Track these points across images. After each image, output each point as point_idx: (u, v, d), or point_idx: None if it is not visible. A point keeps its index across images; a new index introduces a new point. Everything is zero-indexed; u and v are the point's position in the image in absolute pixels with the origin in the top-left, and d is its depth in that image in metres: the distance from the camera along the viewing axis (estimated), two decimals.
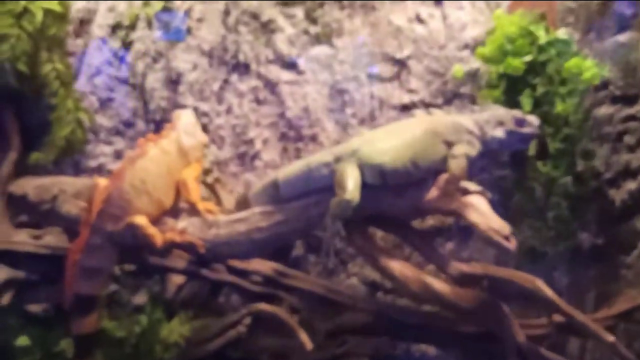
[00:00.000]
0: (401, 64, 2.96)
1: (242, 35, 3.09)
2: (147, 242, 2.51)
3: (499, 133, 2.38)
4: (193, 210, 2.61)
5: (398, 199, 2.41)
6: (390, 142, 2.37)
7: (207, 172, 3.12)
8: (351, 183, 2.29)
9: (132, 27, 3.20)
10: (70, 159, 3.12)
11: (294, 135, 3.06)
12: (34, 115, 3.01)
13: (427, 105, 2.94)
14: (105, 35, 3.16)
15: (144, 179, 2.52)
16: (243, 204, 2.62)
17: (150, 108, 3.13)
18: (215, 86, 3.09)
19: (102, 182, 2.63)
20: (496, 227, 2.18)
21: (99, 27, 3.14)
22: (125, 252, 2.63)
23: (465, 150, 2.33)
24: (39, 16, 2.85)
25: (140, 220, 2.49)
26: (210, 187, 3.08)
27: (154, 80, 3.12)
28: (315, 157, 2.46)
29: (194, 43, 3.11)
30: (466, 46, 2.87)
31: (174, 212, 2.64)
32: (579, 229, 2.65)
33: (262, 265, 2.79)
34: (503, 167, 2.66)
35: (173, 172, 2.60)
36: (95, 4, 3.16)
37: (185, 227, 2.54)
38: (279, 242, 2.55)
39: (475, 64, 2.82)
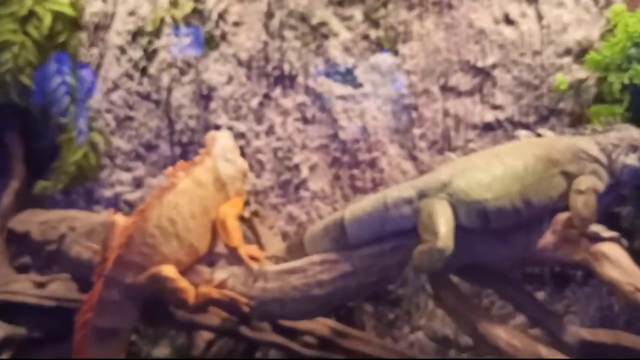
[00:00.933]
0: (484, 73, 2.47)
1: (288, 41, 2.70)
2: (176, 298, 2.02)
3: (633, 161, 1.83)
4: (234, 257, 2.11)
5: (502, 247, 1.89)
6: (493, 173, 1.85)
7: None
8: (443, 226, 1.78)
9: (156, 33, 2.86)
10: (82, 188, 2.87)
11: (348, 161, 2.66)
12: (41, 137, 2.83)
13: (515, 125, 2.42)
14: (124, 43, 2.89)
15: (173, 219, 2.04)
16: (297, 249, 2.09)
17: (177, 128, 2.84)
18: (254, 102, 2.76)
19: (121, 220, 2.14)
20: None
21: (117, 34, 2.86)
22: (149, 308, 2.10)
23: (592, 183, 1.79)
24: (47, 21, 2.51)
25: (168, 270, 2.01)
26: (247, 223, 2.62)
27: (182, 96, 2.83)
28: (393, 192, 1.95)
29: (229, 51, 2.78)
30: (568, 52, 2.35)
31: (210, 259, 2.17)
32: None
33: (316, 323, 2.26)
34: (622, 203, 2.10)
35: (209, 209, 2.14)
36: (113, 6, 2.80)
37: (225, 279, 2.03)
38: (344, 299, 2.04)
39: (580, 73, 2.29)
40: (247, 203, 2.71)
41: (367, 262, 1.97)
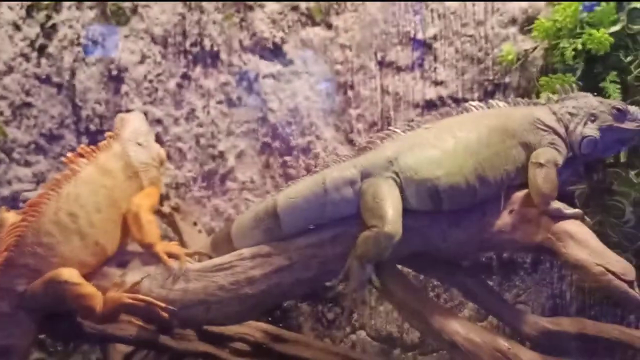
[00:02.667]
0: (424, 46, 2.27)
1: (208, 13, 2.44)
2: (80, 306, 1.71)
3: (592, 131, 1.68)
4: (149, 256, 1.82)
5: (455, 230, 1.69)
6: (444, 148, 1.65)
7: (161, 198, 2.37)
8: (390, 209, 1.57)
9: (55, 6, 2.55)
10: None
11: (279, 147, 2.44)
12: None
13: (459, 102, 2.24)
14: (17, 18, 2.59)
15: (74, 213, 1.75)
16: (223, 243, 1.81)
17: (83, 115, 2.57)
18: (172, 84, 2.50)
19: (10, 217, 1.80)
20: (615, 269, 1.46)
21: (8, 7, 2.57)
22: (49, 320, 1.77)
23: (551, 155, 1.62)
24: None
25: (69, 274, 1.72)
26: (167, 219, 2.34)
27: (87, 78, 2.56)
28: (333, 172, 1.70)
29: (140, 26, 2.51)
30: (513, 21, 2.19)
31: (121, 259, 1.86)
32: None
33: (248, 327, 1.99)
34: (575, 178, 1.95)
35: (118, 200, 1.85)
36: None
37: (138, 282, 1.74)
38: (279, 298, 1.77)
39: (526, 44, 2.13)
40: (167, 197, 2.46)
41: (305, 254, 1.72)
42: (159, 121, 2.50)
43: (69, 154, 1.86)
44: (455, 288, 1.92)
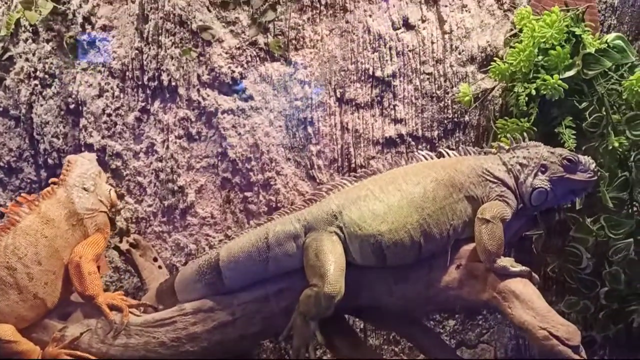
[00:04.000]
0: (384, 84, 2.21)
1: (165, 48, 2.36)
2: None
3: (543, 182, 1.63)
4: (91, 308, 1.75)
5: (402, 286, 1.64)
6: (389, 202, 1.59)
7: (121, 233, 2.37)
8: (331, 267, 1.53)
9: (12, 39, 2.46)
10: None
11: (239, 182, 2.36)
12: None
13: (419, 139, 2.20)
14: None
15: (11, 266, 1.71)
16: (168, 295, 1.75)
17: (41, 148, 2.50)
18: (130, 118, 2.43)
19: None
20: (560, 333, 1.41)
21: None
22: None
23: (498, 210, 1.57)
24: None
25: (4, 331, 1.66)
26: (126, 256, 2.31)
27: (45, 112, 2.50)
28: (276, 226, 1.65)
29: (98, 60, 2.46)
30: (472, 59, 2.14)
31: (63, 311, 1.83)
32: (637, 305, 1.92)
33: None
34: (533, 226, 1.90)
35: (60, 250, 1.81)
36: None
37: (78, 336, 1.68)
38: (222, 355, 1.69)
39: (485, 83, 2.08)
40: (127, 232, 2.39)
41: (249, 310, 1.70)
42: (118, 155, 2.43)
43: (10, 204, 1.81)
44: (405, 339, 1.87)
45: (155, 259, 2.36)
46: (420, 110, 2.20)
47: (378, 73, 2.21)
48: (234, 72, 2.31)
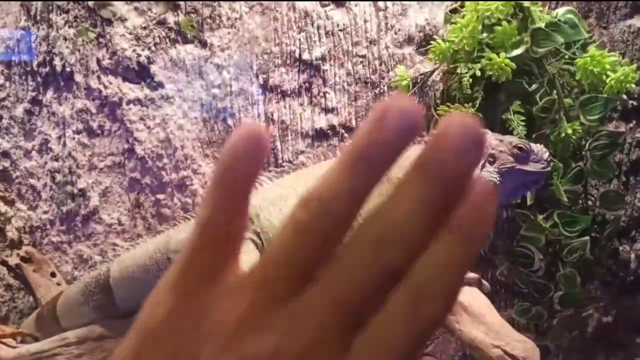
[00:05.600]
0: (312, 68, 1.94)
1: (57, 28, 2.06)
2: None
3: (491, 175, 1.42)
4: None
5: None
6: None
7: (12, 245, 2.09)
8: None
9: None
10: None
11: (150, 183, 2.07)
12: None
13: (351, 130, 1.94)
14: None
15: None
16: (50, 321, 1.44)
17: None
18: (19, 110, 2.13)
19: None
20: (516, 351, 1.19)
21: None
22: None
23: None
24: None
25: None
26: (14, 272, 2.02)
27: None
28: (179, 233, 1.37)
29: None
30: (409, 40, 1.91)
31: None
32: (593, 310, 1.74)
33: None
34: None
35: None
36: None
37: None
38: None
39: (425, 66, 1.86)
40: (19, 244, 2.06)
41: None
42: (5, 154, 2.12)
43: None
44: None
45: (53, 274, 2.05)
46: (354, 97, 1.96)
47: (305, 56, 1.95)
48: (139, 55, 2.01)
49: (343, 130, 1.97)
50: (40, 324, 1.50)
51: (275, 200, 1.38)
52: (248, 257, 1.28)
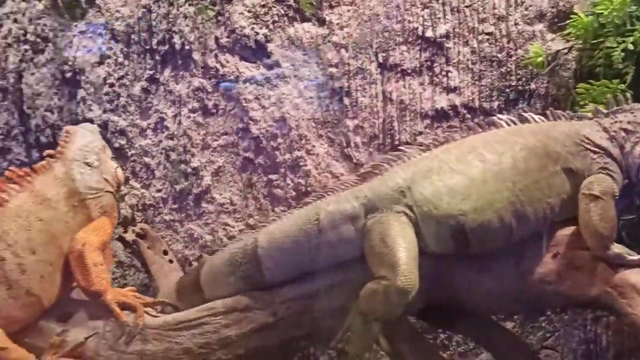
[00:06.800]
0: (435, 46, 1.93)
1: (177, 6, 2.10)
2: None
3: None
4: (97, 307, 1.49)
5: (483, 278, 1.37)
6: (470, 175, 1.32)
7: (126, 222, 2.13)
8: (403, 256, 1.24)
9: None
10: None
11: (263, 163, 2.09)
12: None
13: (475, 111, 1.94)
14: None
15: None
16: (191, 290, 1.47)
17: (32, 125, 2.26)
18: (137, 88, 2.17)
19: None
20: None
21: None
22: None
23: (607, 185, 1.28)
24: None
25: None
26: (132, 247, 2.07)
27: (36, 81, 2.24)
28: (328, 205, 1.37)
29: (99, 20, 2.20)
30: (541, 16, 1.86)
31: (62, 311, 1.53)
32: None
33: None
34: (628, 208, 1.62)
35: (59, 237, 1.52)
36: None
37: (83, 342, 1.43)
38: None
39: (556, 44, 1.80)
40: (132, 221, 2.13)
41: (294, 309, 1.42)
42: (122, 132, 2.17)
43: None
44: (483, 347, 1.58)
45: (165, 252, 2.10)
46: (478, 76, 1.93)
47: (428, 33, 1.94)
48: (257, 34, 2.05)
49: (465, 111, 1.94)
50: (181, 293, 1.54)
51: (427, 172, 1.36)
52: (404, 231, 1.26)
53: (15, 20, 2.19)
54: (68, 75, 2.16)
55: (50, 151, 1.61)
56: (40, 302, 1.46)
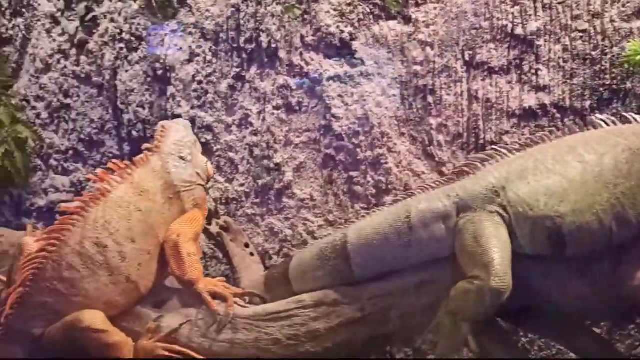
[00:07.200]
0: (524, 44, 1.89)
1: (265, 5, 2.14)
2: (105, 357, 1.38)
3: None
4: (190, 296, 1.54)
5: (578, 282, 1.33)
6: (568, 175, 1.28)
7: (210, 215, 2.12)
8: (497, 256, 1.21)
9: None
10: (7, 195, 2.44)
11: (344, 160, 2.10)
12: None
13: (565, 111, 1.87)
14: (55, 10, 2.41)
15: (102, 242, 1.50)
16: (280, 283, 1.50)
17: (125, 119, 2.33)
18: (223, 85, 2.21)
19: (30, 243, 1.54)
20: None
21: None
22: None
23: None
24: None
25: (93, 318, 1.46)
26: (215, 240, 2.09)
27: (130, 78, 2.32)
28: (420, 203, 1.36)
29: (189, 20, 2.24)
30: (639, 12, 1.76)
31: (157, 298, 1.60)
32: None
33: None
34: None
35: (155, 227, 1.59)
36: None
37: (177, 329, 1.48)
38: (348, 357, 1.41)
39: None
40: (215, 214, 2.18)
41: (382, 305, 1.41)
42: (208, 128, 2.22)
43: (99, 170, 1.58)
44: (573, 353, 1.53)
45: (246, 245, 2.13)
46: (569, 75, 1.87)
47: (518, 31, 1.89)
48: (342, 32, 2.06)
49: (555, 110, 1.88)
50: (269, 286, 1.57)
51: (522, 172, 1.33)
52: (497, 231, 1.24)
53: (112, 20, 2.26)
54: (159, 72, 2.22)
55: (148, 145, 1.68)
56: (137, 288, 1.52)
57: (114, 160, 1.61)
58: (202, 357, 1.41)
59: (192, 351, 1.42)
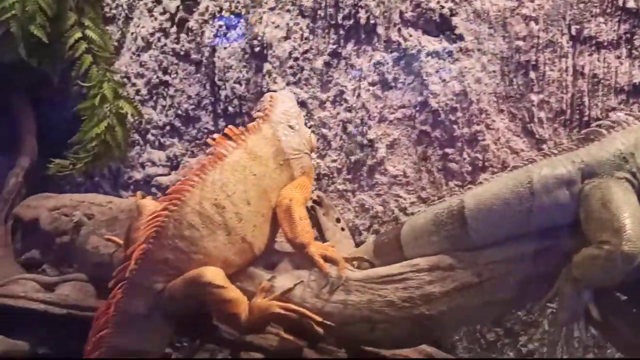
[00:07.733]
0: (636, 17, 1.87)
1: None
2: (223, 312, 1.49)
3: None
4: (301, 258, 1.56)
5: None
6: None
7: None
8: (629, 219, 1.19)
9: None
10: (106, 168, 2.50)
11: (439, 136, 2.09)
12: (56, 105, 2.45)
13: None
14: None
15: (219, 204, 1.56)
16: (390, 249, 1.52)
17: (222, 96, 2.37)
18: (319, 62, 2.23)
19: (150, 205, 1.62)
20: None
21: None
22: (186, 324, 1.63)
23: None
24: None
25: (213, 274, 1.48)
26: (309, 213, 2.05)
27: (228, 55, 2.35)
28: (542, 168, 1.34)
29: None
30: None
31: (270, 260, 1.62)
32: None
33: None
34: None
35: (268, 191, 1.62)
36: None
37: (290, 289, 1.52)
38: (462, 323, 1.41)
39: None
40: None
41: (498, 271, 1.40)
42: (302, 104, 2.23)
43: (216, 135, 1.62)
44: None
45: (337, 220, 2.16)
46: None
47: (630, 4, 1.84)
48: (442, 7, 2.04)
49: None
50: (378, 251, 1.58)
51: None
52: (627, 197, 1.21)
53: None
54: (256, 49, 2.24)
55: (259, 113, 1.72)
56: (252, 249, 1.55)
57: (230, 127, 1.65)
58: (317, 316, 1.43)
59: (306, 310, 1.45)
